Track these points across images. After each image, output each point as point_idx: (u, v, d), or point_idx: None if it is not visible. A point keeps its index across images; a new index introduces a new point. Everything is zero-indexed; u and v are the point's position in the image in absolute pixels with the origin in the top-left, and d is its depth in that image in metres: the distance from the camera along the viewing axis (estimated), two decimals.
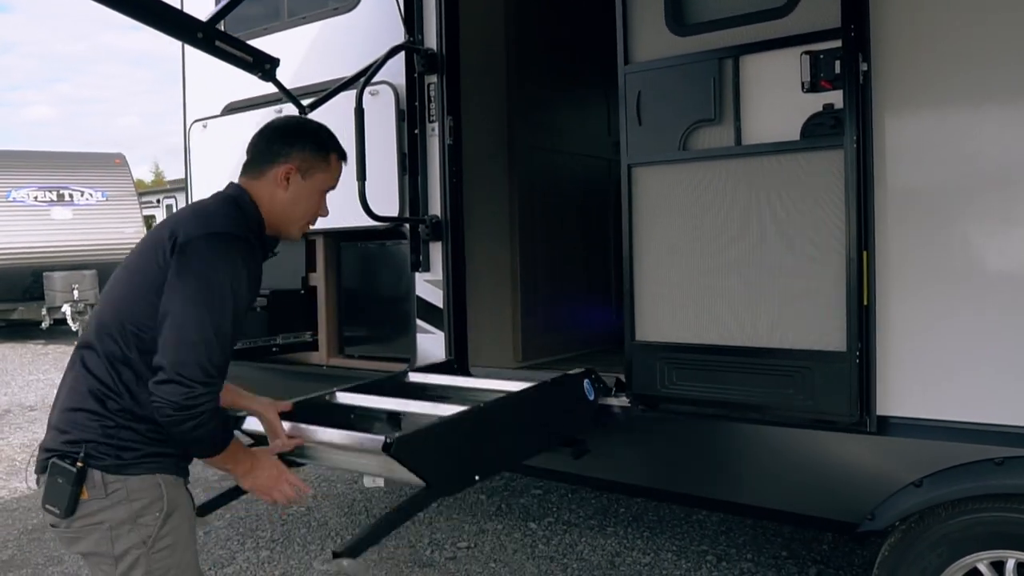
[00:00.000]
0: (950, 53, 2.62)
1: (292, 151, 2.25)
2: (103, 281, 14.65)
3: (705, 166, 3.02)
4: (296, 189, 2.26)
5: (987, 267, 2.60)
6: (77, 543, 2.05)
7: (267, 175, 2.24)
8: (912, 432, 2.69)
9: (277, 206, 2.25)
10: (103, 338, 2.06)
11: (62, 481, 1.96)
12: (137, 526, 2.02)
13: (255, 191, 2.24)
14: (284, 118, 2.43)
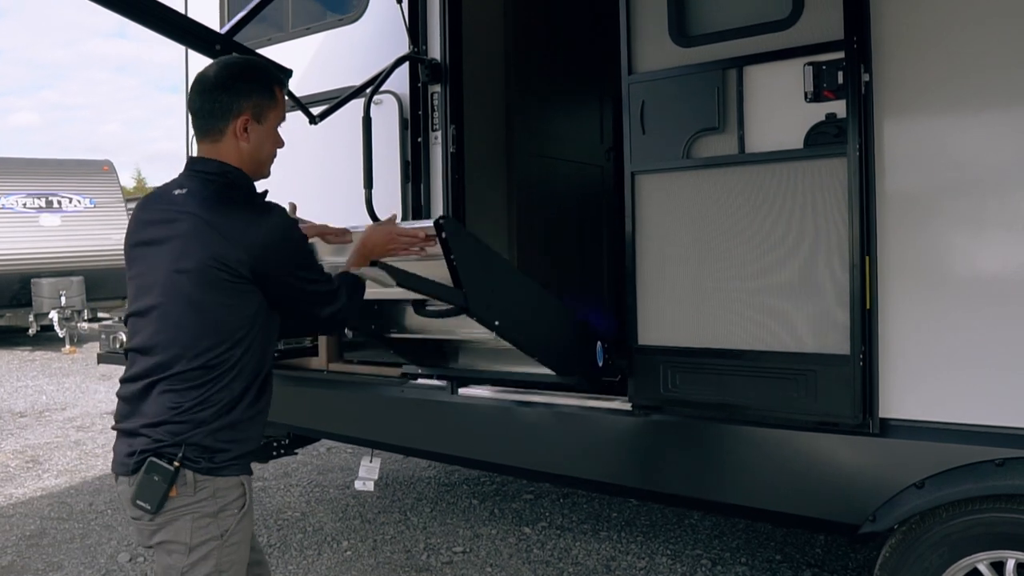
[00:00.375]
0: (947, 63, 2.69)
1: (242, 101, 2.23)
2: (90, 288, 14.75)
3: (708, 174, 3.08)
4: (256, 135, 2.27)
5: (984, 271, 2.67)
6: (156, 534, 2.14)
7: (226, 133, 2.23)
8: (914, 434, 2.75)
9: (245, 157, 2.26)
10: (175, 357, 2.12)
11: (158, 479, 2.06)
12: (217, 520, 2.14)
13: (223, 154, 2.24)
14: (214, 67, 2.31)
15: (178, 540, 2.11)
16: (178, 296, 2.11)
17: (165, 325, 2.13)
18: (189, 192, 2.20)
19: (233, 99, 2.21)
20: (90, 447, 7.59)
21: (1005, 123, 2.62)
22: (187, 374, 2.10)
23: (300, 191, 4.53)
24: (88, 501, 5.86)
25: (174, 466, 2.06)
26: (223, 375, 2.12)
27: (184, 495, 2.09)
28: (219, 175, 2.22)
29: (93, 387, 10.99)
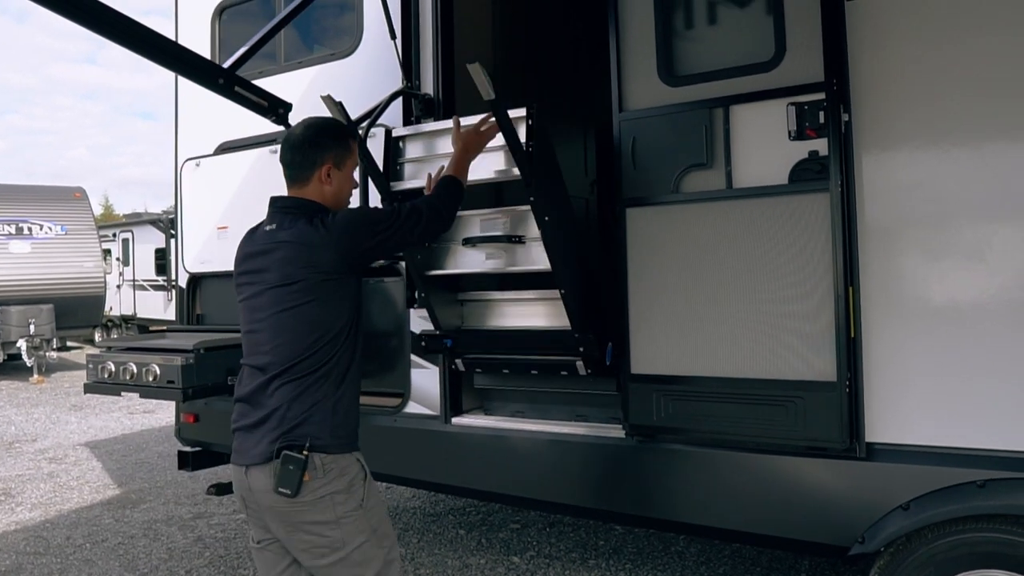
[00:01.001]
0: (922, 105, 2.84)
1: (325, 153, 2.74)
2: (60, 316, 14.58)
3: (698, 207, 3.20)
4: (337, 180, 2.77)
5: (961, 299, 2.80)
6: (301, 515, 2.49)
7: (312, 178, 2.74)
8: (899, 457, 2.87)
9: (328, 198, 2.76)
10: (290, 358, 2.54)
11: (292, 468, 2.43)
12: (351, 493, 2.53)
13: (307, 192, 2.74)
14: (301, 127, 2.82)
15: (324, 519, 2.48)
16: (287, 309, 2.56)
17: (278, 334, 2.56)
18: (279, 226, 2.67)
19: (317, 152, 2.73)
20: (64, 479, 7.51)
21: (975, 160, 2.77)
22: (300, 370, 2.52)
23: None
24: (65, 535, 5.81)
25: (303, 454, 2.43)
26: (331, 367, 2.56)
27: (316, 478, 2.46)
28: (299, 207, 2.71)
29: (64, 418, 10.87)
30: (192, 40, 5.18)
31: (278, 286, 2.58)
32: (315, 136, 2.76)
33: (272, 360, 2.55)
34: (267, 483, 2.47)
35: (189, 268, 5.23)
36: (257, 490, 2.52)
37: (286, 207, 2.72)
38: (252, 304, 2.67)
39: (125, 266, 21.91)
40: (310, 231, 2.59)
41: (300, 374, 2.52)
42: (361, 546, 2.53)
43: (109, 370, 4.59)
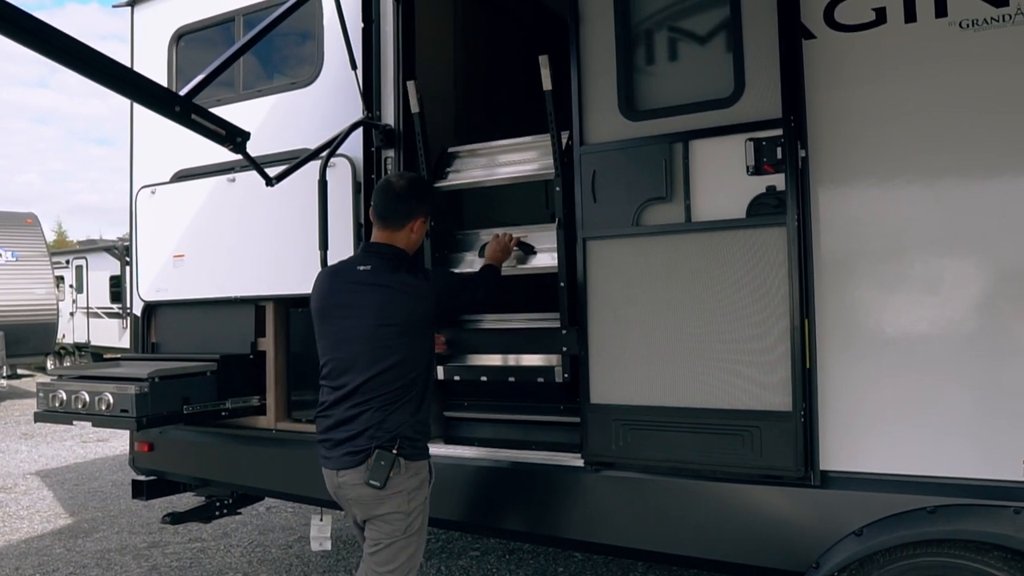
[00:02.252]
0: (877, 141, 2.93)
1: (421, 207, 3.25)
2: (11, 343, 14.27)
3: (657, 240, 3.25)
4: (421, 230, 3.28)
5: (912, 331, 2.88)
6: (381, 505, 3.04)
7: (405, 227, 3.21)
8: (852, 485, 2.92)
9: (412, 243, 3.27)
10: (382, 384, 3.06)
11: (383, 464, 2.98)
12: (420, 490, 3.11)
13: (397, 239, 3.21)
14: (404, 181, 3.30)
15: (400, 510, 3.04)
16: (384, 345, 3.05)
17: (372, 365, 3.04)
18: (373, 268, 3.14)
19: (416, 204, 3.23)
20: (13, 508, 7.34)
21: (928, 196, 2.86)
22: (392, 396, 3.05)
23: (252, 253, 4.61)
24: (14, 565, 5.68)
25: (394, 453, 2.99)
26: (414, 391, 3.10)
27: (398, 475, 3.01)
28: (395, 256, 3.18)
29: (13, 447, 10.62)
30: (149, 66, 5.16)
31: (377, 324, 3.05)
32: (416, 192, 3.26)
33: (364, 386, 3.05)
34: (358, 479, 3.02)
35: (144, 296, 5.17)
36: (346, 485, 3.08)
37: (381, 252, 3.18)
38: (343, 335, 3.13)
39: (79, 293, 21.51)
40: (413, 281, 3.11)
41: (392, 399, 3.04)
42: (418, 532, 3.11)
43: (60, 399, 4.52)
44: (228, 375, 4.61)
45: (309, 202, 4.09)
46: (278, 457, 4.51)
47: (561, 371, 3.68)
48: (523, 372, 3.87)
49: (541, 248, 3.92)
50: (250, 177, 4.33)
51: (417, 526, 3.11)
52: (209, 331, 4.91)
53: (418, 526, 3.11)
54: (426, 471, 3.16)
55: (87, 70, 3.01)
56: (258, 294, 4.66)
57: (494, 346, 3.99)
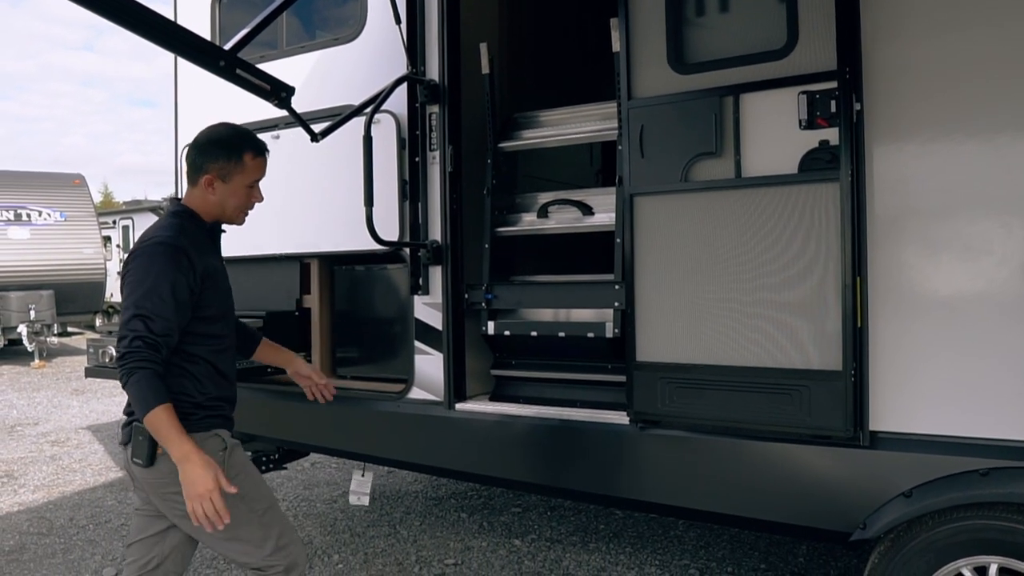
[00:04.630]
0: (935, 94, 2.84)
1: (207, 163, 2.77)
2: (60, 302, 14.61)
3: (706, 196, 3.20)
4: (221, 192, 2.79)
5: (967, 291, 2.81)
6: (165, 486, 2.61)
7: (198, 184, 2.78)
8: (902, 446, 2.88)
9: (211, 207, 2.80)
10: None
11: (142, 439, 2.58)
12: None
13: (193, 197, 2.80)
14: (203, 131, 2.86)
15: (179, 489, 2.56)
16: None
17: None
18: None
19: (202, 160, 2.78)
20: (66, 462, 7.54)
21: (987, 152, 2.77)
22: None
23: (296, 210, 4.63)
24: (68, 516, 5.84)
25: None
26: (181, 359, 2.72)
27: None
28: (172, 211, 2.80)
29: (65, 402, 10.89)
30: (191, 27, 5.15)
31: None
32: (204, 144, 2.81)
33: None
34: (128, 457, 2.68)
35: None
36: (127, 465, 2.75)
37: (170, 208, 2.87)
38: None
39: (125, 253, 21.89)
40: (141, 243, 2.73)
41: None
42: (233, 509, 2.56)
43: (110, 354, 4.61)
44: (274, 332, 4.63)
45: (353, 159, 4.08)
46: (323, 413, 4.54)
47: (612, 326, 3.67)
48: (573, 327, 3.86)
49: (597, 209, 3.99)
50: (294, 134, 4.34)
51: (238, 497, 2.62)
52: (255, 288, 4.96)
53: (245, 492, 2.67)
54: (214, 443, 2.70)
55: (135, 25, 3.02)
56: (303, 251, 4.69)
57: (546, 299, 4.01)
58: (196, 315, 2.67)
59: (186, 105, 5.40)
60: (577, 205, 4.01)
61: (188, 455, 2.46)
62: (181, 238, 2.65)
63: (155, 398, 2.47)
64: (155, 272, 2.55)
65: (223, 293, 2.84)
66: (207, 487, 2.45)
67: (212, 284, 2.73)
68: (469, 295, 4.12)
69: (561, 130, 4.24)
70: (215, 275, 2.76)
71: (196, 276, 2.64)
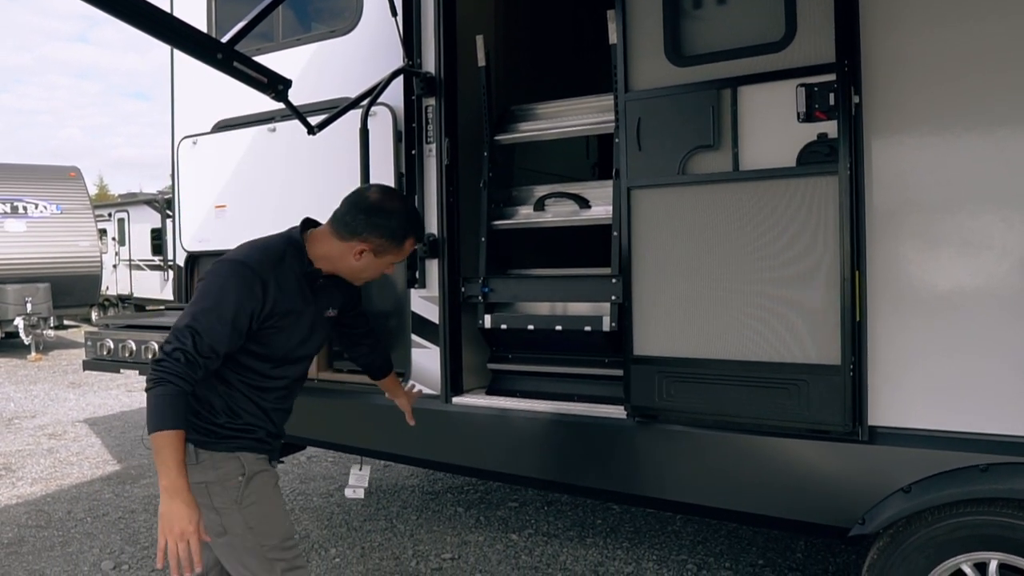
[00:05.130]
0: (934, 87, 2.81)
1: (370, 234, 2.57)
2: (57, 295, 14.60)
3: (704, 189, 3.18)
4: (366, 262, 2.63)
5: (966, 286, 2.79)
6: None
7: (346, 242, 2.59)
8: (901, 441, 2.87)
9: (344, 267, 2.64)
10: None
11: None
12: (225, 488, 2.53)
13: (331, 247, 2.61)
14: (375, 193, 2.66)
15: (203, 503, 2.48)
16: None
17: None
18: None
19: (365, 226, 2.58)
20: (64, 455, 7.52)
21: (986, 146, 2.75)
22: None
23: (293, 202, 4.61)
24: (67, 509, 5.82)
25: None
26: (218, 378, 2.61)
27: (191, 465, 2.49)
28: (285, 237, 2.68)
29: (63, 395, 10.87)
30: (188, 20, 5.12)
31: None
32: (375, 211, 2.60)
33: None
34: None
35: (187, 247, 5.21)
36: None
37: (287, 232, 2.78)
38: None
39: (121, 246, 21.86)
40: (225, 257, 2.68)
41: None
42: (242, 537, 2.53)
43: (108, 347, 4.60)
44: None
45: (350, 151, 4.07)
46: (319, 406, 4.54)
47: (609, 320, 3.65)
48: (570, 321, 3.84)
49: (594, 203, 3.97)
50: (291, 127, 4.32)
51: (237, 532, 2.54)
52: None
53: (238, 533, 2.54)
54: (233, 466, 2.56)
55: (132, 17, 2.99)
56: None
57: (543, 293, 3.98)
58: (246, 347, 2.51)
59: (182, 98, 5.37)
60: (574, 198, 3.98)
61: (177, 490, 2.30)
62: (266, 267, 2.49)
63: (171, 420, 2.32)
64: (226, 291, 2.42)
65: (295, 341, 2.61)
66: (183, 528, 2.28)
67: (283, 325, 2.54)
68: (465, 288, 4.10)
69: (558, 123, 4.22)
70: (290, 317, 2.55)
71: (264, 309, 2.47)
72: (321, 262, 2.62)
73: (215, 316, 2.39)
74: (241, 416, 2.59)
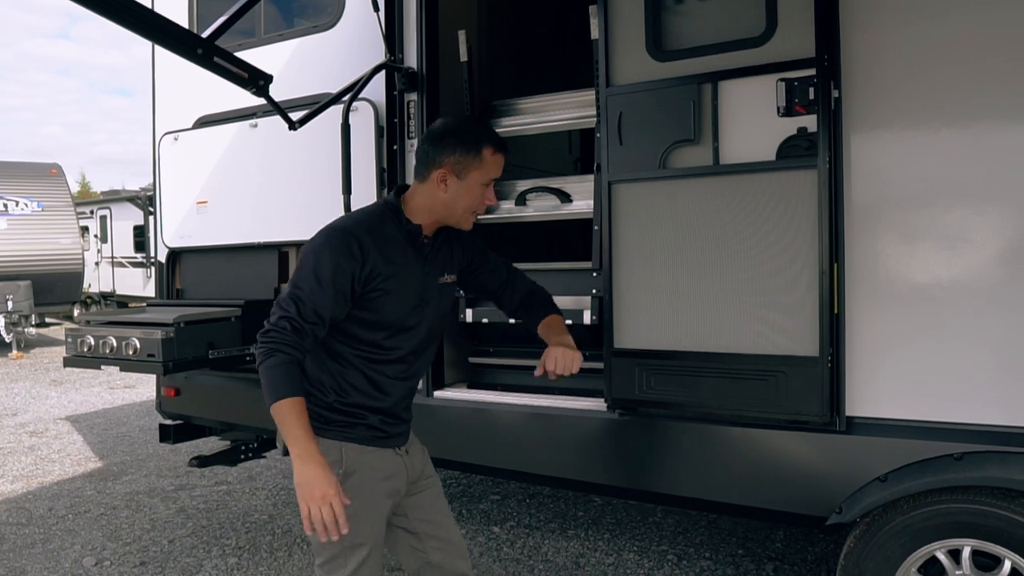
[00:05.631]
0: (912, 82, 2.85)
1: (443, 156, 2.48)
2: (38, 293, 14.50)
3: (684, 183, 3.20)
4: (454, 189, 2.49)
5: (942, 278, 2.82)
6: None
7: (428, 179, 2.50)
8: (878, 431, 2.90)
9: (439, 205, 2.51)
10: None
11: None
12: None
13: (420, 193, 2.53)
14: (438, 122, 2.60)
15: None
16: None
17: None
18: None
19: (436, 152, 2.49)
20: (45, 452, 7.49)
21: (963, 141, 2.78)
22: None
23: (274, 198, 4.61)
24: (47, 506, 5.80)
25: None
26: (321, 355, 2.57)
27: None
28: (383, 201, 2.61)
29: (44, 392, 10.81)
30: (169, 15, 5.10)
31: None
32: (439, 135, 2.52)
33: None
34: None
35: (168, 243, 5.20)
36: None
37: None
38: None
39: (103, 243, 21.72)
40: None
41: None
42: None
43: (89, 344, 4.56)
44: (252, 321, 4.63)
45: (331, 147, 4.07)
46: None
47: (590, 313, 3.67)
48: None
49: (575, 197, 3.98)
50: (272, 123, 4.32)
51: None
52: (233, 277, 4.94)
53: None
54: (334, 455, 2.44)
55: (113, 13, 2.99)
56: (281, 240, 4.66)
57: None
58: (354, 315, 2.44)
59: (164, 94, 5.35)
60: (555, 193, 4.00)
61: (309, 455, 2.26)
62: (362, 227, 2.43)
63: (287, 388, 2.28)
64: (322, 255, 2.37)
65: (406, 307, 2.52)
66: (324, 491, 2.23)
67: (388, 288, 2.45)
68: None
69: (539, 118, 4.24)
70: (395, 280, 2.46)
71: (364, 269, 2.39)
72: (418, 215, 2.53)
73: (315, 280, 2.34)
74: (350, 394, 2.50)
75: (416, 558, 2.69)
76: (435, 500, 2.74)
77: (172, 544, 4.96)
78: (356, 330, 2.47)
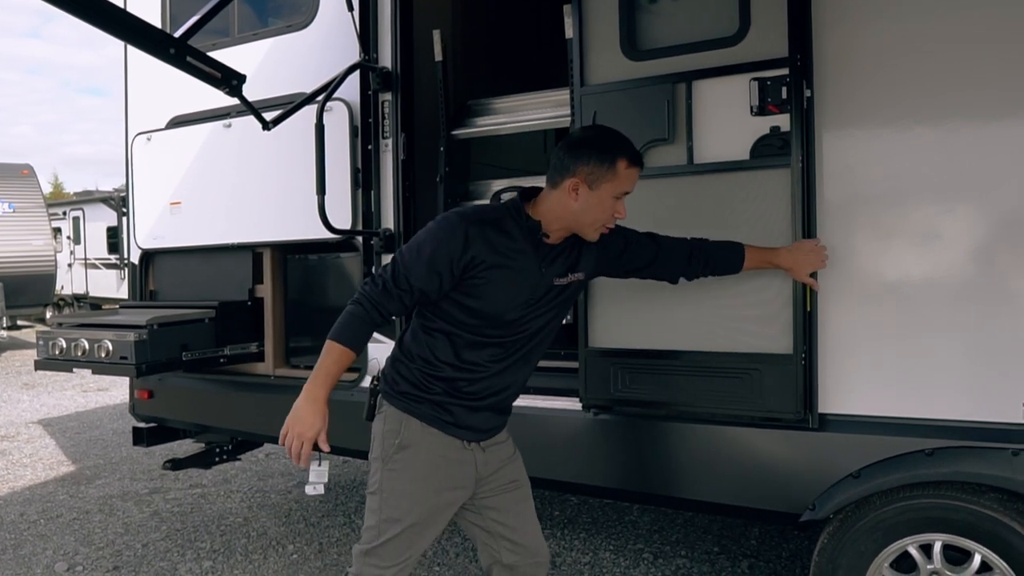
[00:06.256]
0: (883, 81, 2.87)
1: (577, 165, 2.47)
2: (10, 295, 14.30)
3: (658, 182, 3.21)
4: (585, 199, 2.48)
5: (913, 276, 2.85)
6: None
7: (560, 187, 2.50)
8: (850, 428, 2.93)
9: (568, 214, 2.51)
10: None
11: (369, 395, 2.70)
12: (383, 443, 2.61)
13: (550, 199, 2.53)
14: (579, 130, 2.70)
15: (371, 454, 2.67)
16: None
17: None
18: None
19: (570, 161, 2.49)
20: (17, 456, 7.39)
21: (933, 139, 2.81)
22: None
23: (248, 199, 4.58)
24: (19, 511, 5.72)
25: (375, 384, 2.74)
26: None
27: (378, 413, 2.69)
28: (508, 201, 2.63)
29: (15, 396, 10.67)
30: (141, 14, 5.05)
31: None
32: (575, 144, 2.54)
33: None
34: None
35: (141, 244, 5.14)
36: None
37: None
38: None
39: (76, 244, 21.49)
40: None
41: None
42: (374, 493, 2.61)
43: (61, 346, 4.52)
44: (226, 322, 4.61)
45: (305, 147, 4.04)
46: (276, 403, 4.46)
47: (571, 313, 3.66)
48: None
49: None
50: (246, 123, 4.28)
51: (373, 488, 2.62)
52: (207, 278, 4.90)
53: (373, 489, 2.62)
54: (394, 424, 2.60)
55: (82, 11, 2.95)
56: (255, 240, 4.63)
57: None
58: (456, 298, 2.50)
59: (136, 94, 5.30)
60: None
61: (314, 397, 2.48)
62: (476, 216, 2.49)
63: (346, 336, 2.48)
64: (431, 234, 2.47)
65: (510, 299, 2.52)
66: (303, 431, 2.45)
67: (491, 277, 2.46)
68: None
69: (514, 117, 4.24)
70: (501, 271, 2.47)
71: (465, 255, 2.43)
72: (545, 219, 2.54)
73: (416, 252, 2.47)
74: (436, 367, 2.56)
75: (488, 555, 2.77)
76: (517, 504, 2.78)
77: (146, 548, 4.91)
78: (456, 312, 2.54)
